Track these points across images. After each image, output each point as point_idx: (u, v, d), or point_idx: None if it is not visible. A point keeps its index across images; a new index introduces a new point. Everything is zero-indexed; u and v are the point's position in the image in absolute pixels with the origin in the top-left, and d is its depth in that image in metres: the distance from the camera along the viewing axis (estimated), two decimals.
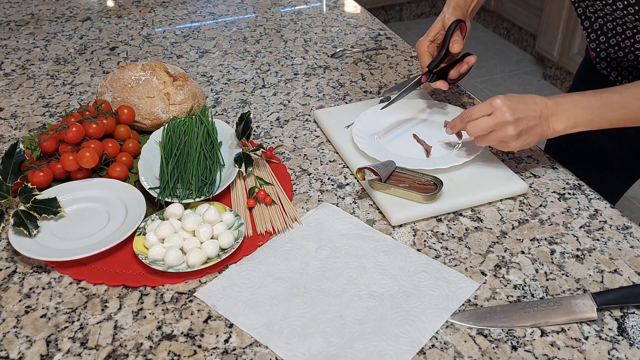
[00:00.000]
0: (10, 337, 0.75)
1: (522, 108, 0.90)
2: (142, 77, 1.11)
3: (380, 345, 0.73)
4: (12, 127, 1.17)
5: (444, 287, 0.80)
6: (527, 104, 0.91)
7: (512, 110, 0.90)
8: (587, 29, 1.09)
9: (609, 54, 1.09)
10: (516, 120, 0.90)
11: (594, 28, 1.07)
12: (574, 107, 0.90)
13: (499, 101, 0.90)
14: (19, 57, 1.43)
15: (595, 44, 1.10)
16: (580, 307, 0.76)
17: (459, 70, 1.08)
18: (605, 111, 0.90)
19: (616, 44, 1.04)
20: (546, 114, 0.91)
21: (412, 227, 0.91)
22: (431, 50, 1.07)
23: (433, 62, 1.05)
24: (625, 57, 1.04)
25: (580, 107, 0.90)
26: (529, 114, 0.90)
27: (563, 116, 0.91)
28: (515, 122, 0.90)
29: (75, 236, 0.88)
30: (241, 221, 0.89)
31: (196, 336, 0.75)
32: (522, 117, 0.90)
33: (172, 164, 0.96)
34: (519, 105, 0.90)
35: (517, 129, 0.90)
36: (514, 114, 0.90)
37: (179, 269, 0.82)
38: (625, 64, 1.06)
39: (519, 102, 0.91)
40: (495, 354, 0.72)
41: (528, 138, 0.92)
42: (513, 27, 3.72)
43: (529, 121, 0.90)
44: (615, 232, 0.90)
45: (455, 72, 1.08)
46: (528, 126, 0.90)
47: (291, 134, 1.13)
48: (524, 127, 0.90)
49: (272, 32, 1.54)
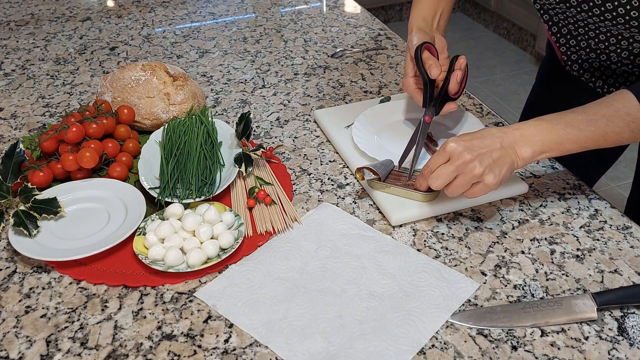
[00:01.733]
0: (10, 337, 0.75)
1: (478, 144, 0.84)
2: (142, 77, 1.11)
3: (380, 345, 0.73)
4: (12, 127, 1.17)
5: (444, 287, 0.80)
6: (483, 138, 0.85)
7: (468, 148, 0.84)
8: (555, 34, 1.07)
9: (580, 56, 1.07)
10: (477, 157, 0.83)
11: (562, 33, 1.06)
12: (538, 132, 0.85)
13: (452, 144, 0.84)
14: (19, 57, 1.43)
15: (565, 48, 1.08)
16: (580, 307, 0.76)
17: (455, 80, 0.98)
18: (571, 131, 0.84)
19: (587, 46, 1.02)
20: (509, 142, 0.85)
21: (412, 227, 0.91)
22: (419, 85, 1.01)
23: (425, 100, 0.98)
24: (597, 57, 1.03)
25: (545, 130, 0.85)
26: (489, 147, 0.84)
27: (528, 141, 0.85)
28: (476, 158, 0.83)
29: (75, 236, 0.88)
30: (241, 221, 0.89)
31: (196, 336, 0.75)
32: (482, 152, 0.84)
33: (172, 164, 0.96)
34: (474, 142, 0.84)
35: (483, 165, 0.83)
36: (472, 151, 0.83)
37: (179, 269, 0.82)
38: (597, 64, 1.05)
39: (474, 139, 0.85)
40: (495, 354, 0.72)
41: (501, 169, 0.84)
42: (513, 27, 3.73)
43: (492, 153, 0.84)
44: (616, 232, 0.90)
45: (454, 85, 0.98)
46: (493, 158, 0.84)
47: (291, 134, 1.13)
48: (489, 160, 0.84)
49: (272, 32, 1.54)
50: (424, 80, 0.97)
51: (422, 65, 0.96)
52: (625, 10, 0.85)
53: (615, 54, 0.98)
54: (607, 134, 0.84)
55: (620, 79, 1.05)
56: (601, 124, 0.83)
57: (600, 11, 0.89)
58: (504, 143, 0.85)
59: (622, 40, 0.93)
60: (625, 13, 0.85)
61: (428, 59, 0.97)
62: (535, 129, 0.85)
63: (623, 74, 1.03)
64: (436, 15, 1.07)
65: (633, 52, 0.95)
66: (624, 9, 0.85)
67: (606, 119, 0.83)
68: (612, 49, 0.98)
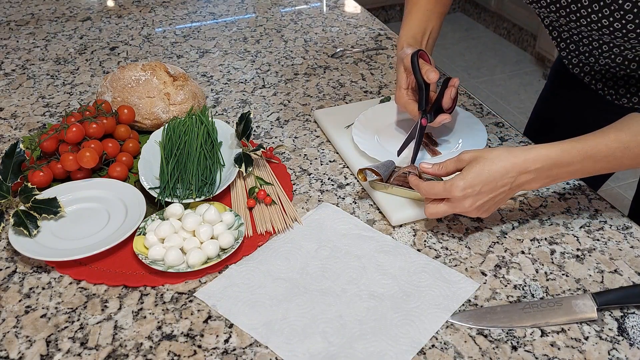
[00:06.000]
0: (10, 337, 0.75)
1: (486, 191, 0.81)
2: (142, 77, 1.11)
3: (380, 345, 0.73)
4: (12, 127, 1.17)
5: (444, 287, 0.80)
6: (494, 182, 0.81)
7: (473, 198, 0.81)
8: (555, 39, 1.08)
9: (580, 60, 1.08)
10: (478, 207, 0.82)
11: (562, 37, 1.06)
12: (553, 166, 0.82)
13: (457, 193, 0.81)
14: (19, 57, 1.43)
15: (565, 52, 1.09)
16: (580, 307, 0.76)
17: (450, 96, 0.99)
18: (587, 164, 0.82)
19: (586, 52, 1.02)
20: (517, 184, 0.83)
21: (412, 227, 0.91)
22: (412, 97, 1.01)
23: (422, 103, 0.98)
24: (596, 62, 1.03)
25: (561, 165, 0.82)
26: (495, 193, 0.82)
27: (539, 179, 0.83)
28: (476, 208, 0.82)
29: (75, 236, 0.88)
30: (241, 221, 0.89)
31: (196, 336, 0.75)
32: (485, 200, 0.82)
33: (172, 164, 0.96)
34: (484, 189, 0.81)
35: (479, 211, 0.83)
36: (475, 202, 0.82)
37: (179, 269, 0.82)
38: (597, 67, 1.05)
39: (484, 185, 0.81)
40: (495, 354, 0.72)
41: (496, 207, 0.85)
42: (513, 27, 3.73)
43: (495, 198, 0.83)
44: (615, 232, 0.90)
45: (447, 100, 0.99)
46: (495, 201, 0.83)
47: (291, 134, 1.13)
48: (488, 205, 0.83)
49: (272, 32, 1.54)
50: (420, 84, 0.97)
51: (419, 70, 0.96)
52: (621, 25, 0.85)
53: (614, 62, 0.99)
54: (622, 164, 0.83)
55: (620, 82, 1.05)
56: (618, 154, 0.81)
57: (598, 26, 0.89)
58: (514, 185, 0.82)
59: (624, 51, 0.93)
60: (621, 27, 0.85)
61: (424, 64, 0.97)
62: (551, 162, 0.81)
63: (624, 77, 1.04)
64: (425, 33, 1.07)
65: (635, 60, 0.95)
66: (619, 23, 0.85)
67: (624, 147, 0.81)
68: (612, 57, 0.98)
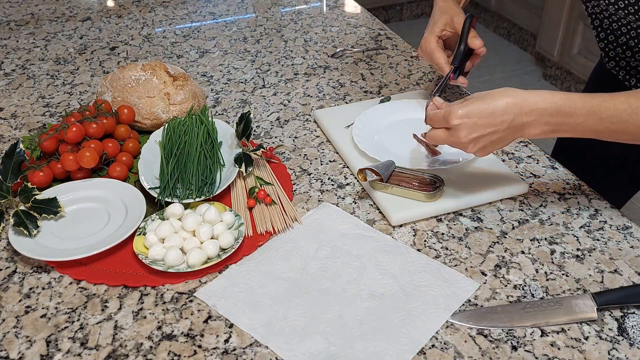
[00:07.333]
0: (10, 337, 0.75)
1: (484, 124, 0.81)
2: (142, 77, 1.11)
3: (381, 345, 0.73)
4: (12, 127, 1.17)
5: (444, 287, 0.80)
6: (492, 116, 0.80)
7: (469, 128, 0.81)
8: (596, 28, 1.08)
9: (617, 53, 1.08)
10: (474, 140, 0.82)
11: (603, 27, 1.06)
12: (555, 113, 0.80)
13: (454, 120, 0.81)
14: (19, 57, 1.43)
15: (604, 43, 1.09)
16: (580, 307, 0.76)
17: (473, 63, 1.03)
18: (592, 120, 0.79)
19: (624, 43, 1.02)
20: (518, 124, 0.81)
21: (412, 227, 0.91)
22: (441, 46, 1.03)
23: (456, 60, 1.01)
24: (633, 56, 1.03)
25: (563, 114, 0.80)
26: (494, 128, 0.81)
27: (540, 122, 0.80)
28: (473, 140, 0.82)
29: (75, 236, 0.88)
30: (241, 221, 0.89)
31: (196, 336, 0.75)
32: (483, 134, 0.81)
33: (172, 164, 0.96)
34: (481, 122, 0.81)
35: (476, 146, 0.83)
36: (471, 133, 0.81)
37: (179, 269, 0.82)
38: (633, 63, 1.04)
39: (481, 117, 0.80)
40: (495, 354, 0.72)
41: (493, 148, 0.84)
42: (513, 27, 3.72)
43: (493, 135, 0.82)
44: (615, 232, 0.90)
45: (470, 65, 1.04)
46: (492, 140, 0.82)
47: (291, 134, 1.13)
48: (485, 142, 0.82)
49: (272, 32, 1.54)
50: (463, 49, 1.02)
51: (466, 34, 1.00)
52: None
53: None
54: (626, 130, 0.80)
55: None
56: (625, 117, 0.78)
57: (634, 9, 0.89)
58: (512, 124, 0.81)
59: None
60: None
61: (473, 31, 1.01)
62: (554, 107, 0.79)
63: None
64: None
65: None
66: None
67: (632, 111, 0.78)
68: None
